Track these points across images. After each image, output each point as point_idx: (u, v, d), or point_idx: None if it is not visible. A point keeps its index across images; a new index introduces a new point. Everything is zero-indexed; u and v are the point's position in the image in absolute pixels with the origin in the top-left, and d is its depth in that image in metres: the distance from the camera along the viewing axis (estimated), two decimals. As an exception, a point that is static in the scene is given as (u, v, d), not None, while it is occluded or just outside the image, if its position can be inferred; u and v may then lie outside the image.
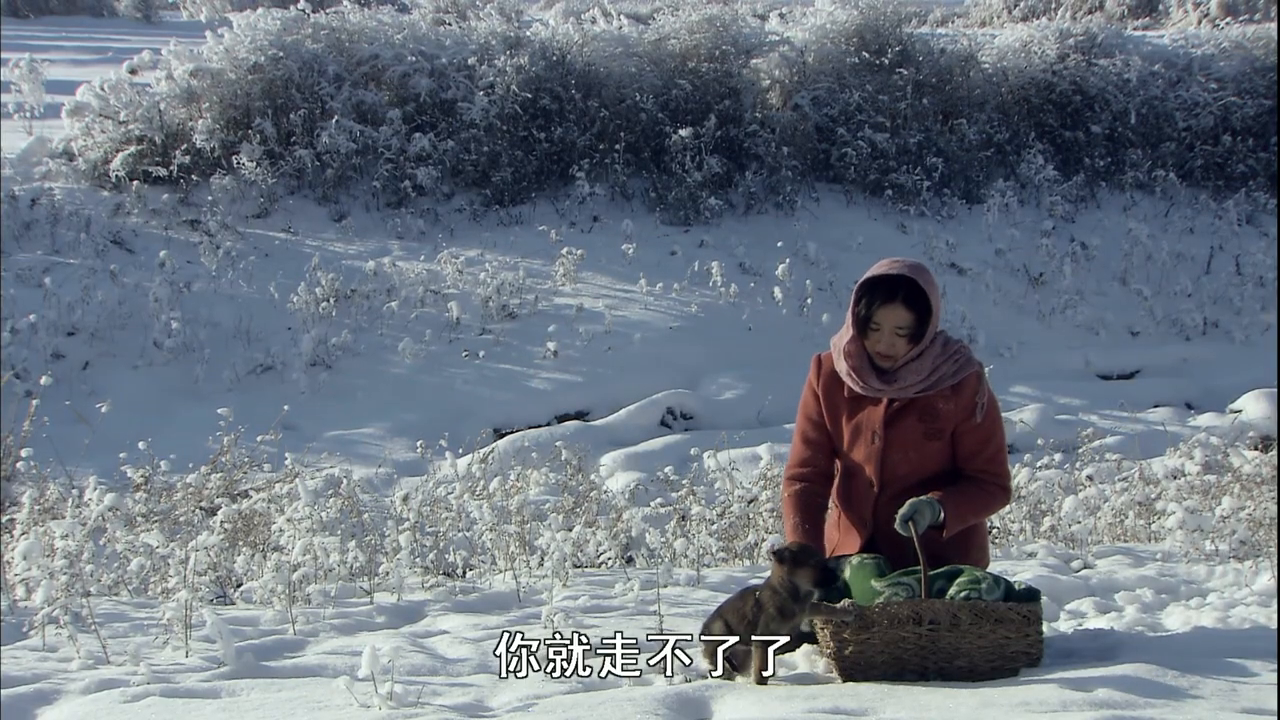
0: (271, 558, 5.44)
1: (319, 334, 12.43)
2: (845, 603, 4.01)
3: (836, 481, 4.42)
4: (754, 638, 4.01)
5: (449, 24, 17.99)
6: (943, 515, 4.09)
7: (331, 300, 12.91)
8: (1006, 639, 3.92)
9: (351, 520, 6.37)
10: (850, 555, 4.25)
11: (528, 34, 16.81)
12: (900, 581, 4.04)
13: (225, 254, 13.55)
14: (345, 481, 7.12)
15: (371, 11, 17.11)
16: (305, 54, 15.65)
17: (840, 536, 4.42)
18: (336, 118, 15.05)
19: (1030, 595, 4.03)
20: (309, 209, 14.92)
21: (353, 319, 12.89)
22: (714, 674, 4.12)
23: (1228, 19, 22.02)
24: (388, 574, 5.79)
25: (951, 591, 4.02)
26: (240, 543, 6.29)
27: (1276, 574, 4.95)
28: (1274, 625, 4.51)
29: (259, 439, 8.70)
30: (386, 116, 15.32)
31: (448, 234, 14.57)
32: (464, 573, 6.35)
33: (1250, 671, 3.85)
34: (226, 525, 6.08)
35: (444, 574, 6.23)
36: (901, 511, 4.05)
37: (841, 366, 4.32)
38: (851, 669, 3.96)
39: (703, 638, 4.18)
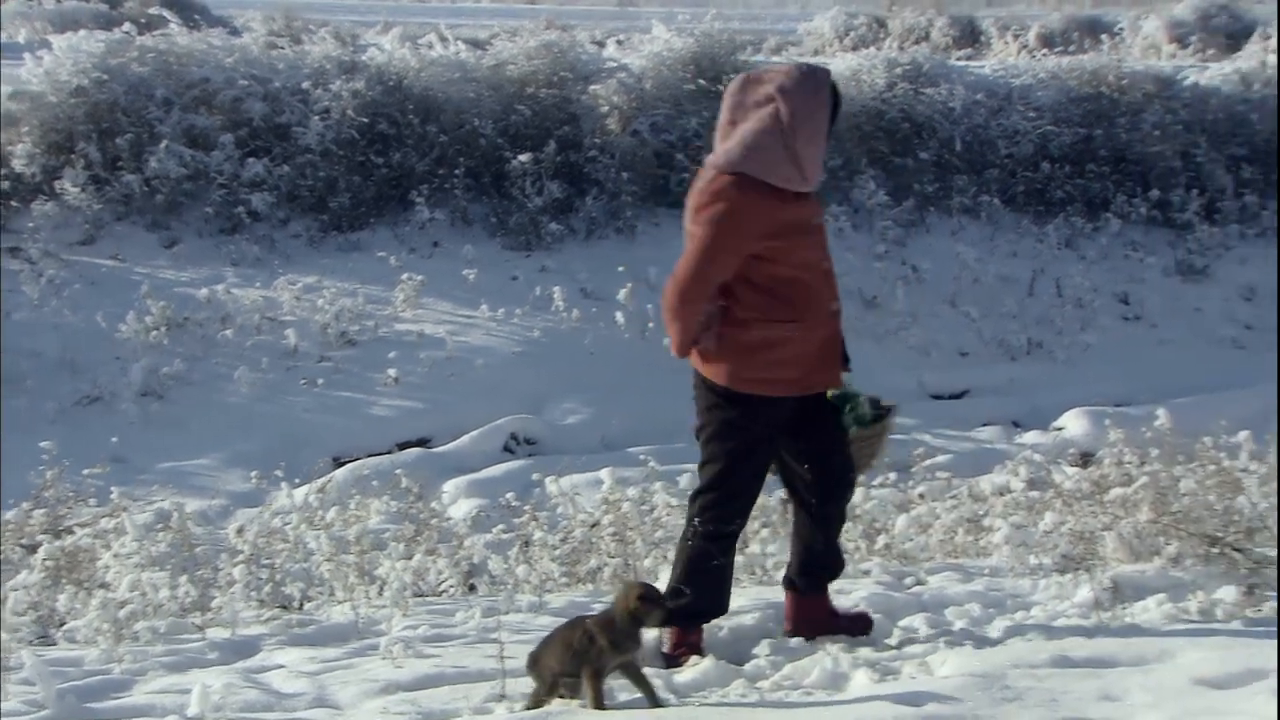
0: (97, 595, 5.27)
1: (150, 363, 12.07)
2: None
3: (764, 307, 4.53)
4: (593, 667, 4.04)
5: (282, 48, 17.65)
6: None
7: (163, 329, 12.55)
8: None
9: (183, 554, 6.21)
10: None
11: (363, 58, 16.61)
12: None
13: (49, 282, 13.08)
14: (176, 514, 6.93)
15: (201, 34, 16.71)
16: (131, 77, 15.21)
17: (814, 364, 4.67)
18: (165, 142, 14.64)
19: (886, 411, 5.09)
20: (138, 235, 14.48)
21: (186, 347, 12.55)
22: (546, 702, 4.14)
23: (1044, 50, 22.90)
24: (221, 608, 5.66)
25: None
26: (64, 580, 6.07)
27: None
28: (1094, 637, 4.69)
29: (85, 472, 8.43)
30: (218, 141, 14.96)
31: (284, 260, 14.29)
32: (301, 605, 6.23)
33: (1070, 681, 4.01)
34: (49, 563, 5.88)
35: (280, 606, 6.10)
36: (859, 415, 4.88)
37: (783, 171, 4.43)
38: None
39: (531, 668, 4.20)
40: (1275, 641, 4.26)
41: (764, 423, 4.63)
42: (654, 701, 4.06)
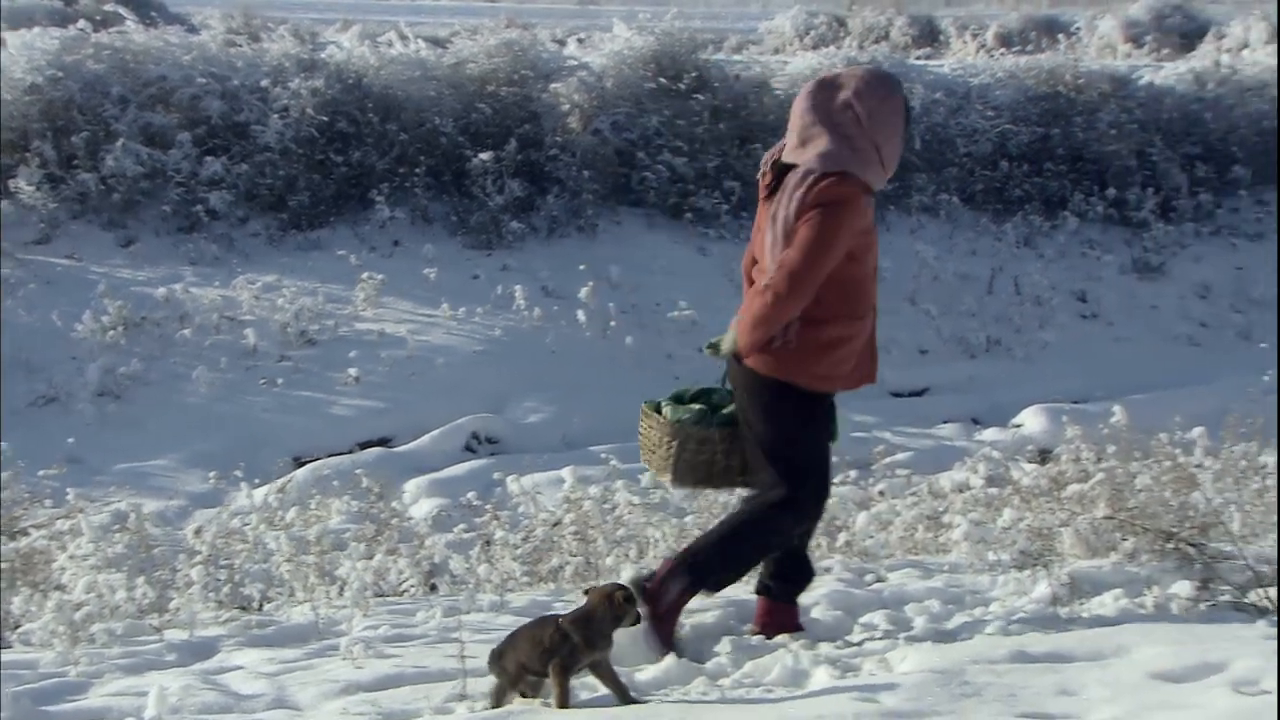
0: (53, 597, 5.22)
1: (107, 363, 11.97)
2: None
3: (840, 305, 4.65)
4: (562, 664, 4.04)
5: (240, 45, 17.53)
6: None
7: (120, 328, 12.45)
8: None
9: (140, 555, 6.16)
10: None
11: (323, 56, 16.53)
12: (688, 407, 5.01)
13: (3, 282, 12.94)
14: (134, 515, 6.87)
15: (158, 31, 16.54)
16: (87, 74, 15.05)
17: (862, 361, 4.78)
18: (122, 140, 14.49)
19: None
20: (94, 234, 14.34)
21: (143, 347, 12.45)
22: (507, 700, 4.14)
23: (1002, 50, 23.04)
24: (179, 610, 5.62)
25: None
26: (19, 582, 6.01)
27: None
28: (1052, 632, 4.74)
29: (41, 474, 8.35)
30: (176, 139, 14.83)
31: (243, 259, 14.19)
32: (261, 605, 6.19)
33: (1029, 676, 4.04)
34: (3, 565, 5.82)
35: (239, 607, 6.06)
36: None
37: (874, 170, 4.67)
38: (679, 473, 4.96)
39: (494, 664, 4.19)
40: (1229, 635, 4.31)
41: (819, 421, 4.79)
42: (625, 699, 4.06)
